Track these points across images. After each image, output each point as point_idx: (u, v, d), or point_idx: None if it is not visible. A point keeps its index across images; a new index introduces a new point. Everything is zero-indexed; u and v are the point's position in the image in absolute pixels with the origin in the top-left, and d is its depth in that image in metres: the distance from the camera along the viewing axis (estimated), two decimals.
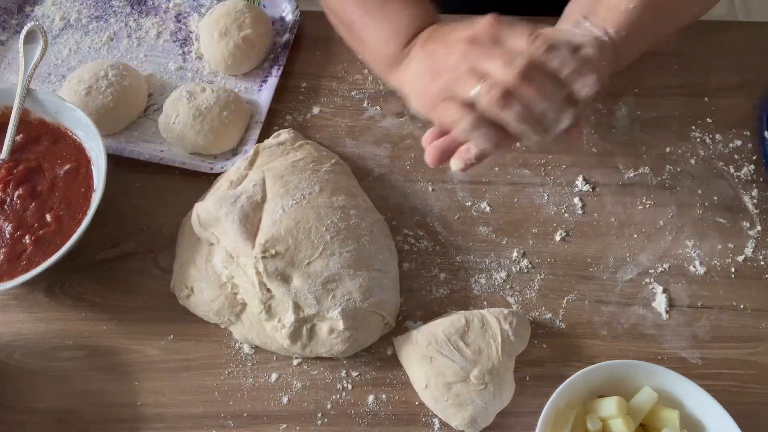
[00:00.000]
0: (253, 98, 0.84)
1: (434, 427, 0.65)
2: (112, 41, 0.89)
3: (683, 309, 0.71)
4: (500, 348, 0.64)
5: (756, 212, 0.77)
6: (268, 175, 0.71)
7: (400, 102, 0.84)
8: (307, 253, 0.66)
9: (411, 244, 0.75)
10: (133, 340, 0.70)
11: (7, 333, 0.70)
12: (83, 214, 0.71)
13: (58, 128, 0.76)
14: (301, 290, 0.65)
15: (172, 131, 0.78)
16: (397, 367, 0.68)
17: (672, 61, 0.86)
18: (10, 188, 0.72)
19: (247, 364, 0.68)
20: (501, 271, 0.73)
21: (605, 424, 0.60)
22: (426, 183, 0.79)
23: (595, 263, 0.74)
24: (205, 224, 0.69)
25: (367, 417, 0.66)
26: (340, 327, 0.64)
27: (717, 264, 0.74)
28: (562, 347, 0.69)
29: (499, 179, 0.79)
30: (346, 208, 0.70)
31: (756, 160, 0.80)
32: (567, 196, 0.78)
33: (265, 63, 0.86)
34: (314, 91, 0.85)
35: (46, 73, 0.86)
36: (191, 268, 0.70)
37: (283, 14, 0.90)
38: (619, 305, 0.72)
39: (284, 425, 0.66)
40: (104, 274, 0.73)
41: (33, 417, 0.66)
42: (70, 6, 0.92)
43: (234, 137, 0.79)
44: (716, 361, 0.69)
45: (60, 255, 0.66)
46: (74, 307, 0.71)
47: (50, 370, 0.68)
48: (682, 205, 0.77)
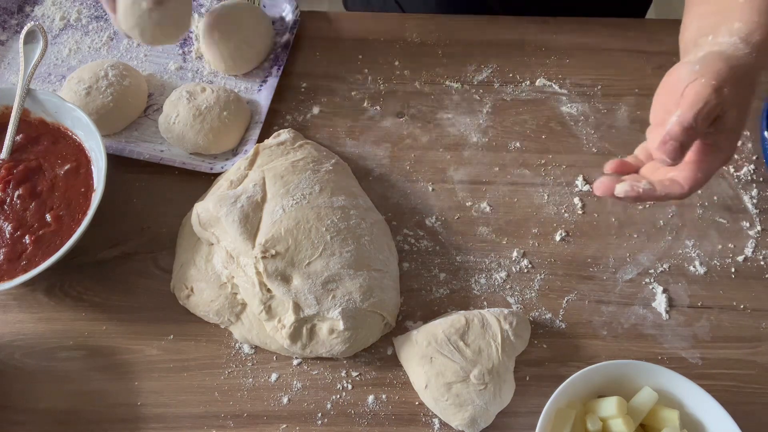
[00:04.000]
0: (253, 98, 0.84)
1: (434, 427, 0.65)
2: (112, 41, 0.89)
3: (683, 309, 0.71)
4: (500, 348, 0.64)
5: (756, 212, 0.77)
6: (268, 175, 0.71)
7: (400, 102, 0.85)
8: (307, 253, 0.66)
9: (411, 244, 0.75)
10: (133, 340, 0.70)
11: (7, 333, 0.70)
12: (83, 214, 0.71)
13: (58, 128, 0.76)
14: (301, 290, 0.65)
15: (171, 131, 0.78)
16: (397, 367, 0.68)
17: (672, 61, 0.85)
18: (10, 188, 0.72)
19: (247, 364, 0.68)
20: (501, 271, 0.73)
21: (605, 424, 0.60)
22: (426, 183, 0.79)
23: (595, 263, 0.74)
24: (205, 224, 0.69)
25: (367, 417, 0.66)
26: (340, 327, 0.64)
27: (717, 264, 0.74)
28: (562, 347, 0.69)
29: (499, 179, 0.79)
30: (346, 208, 0.70)
31: (756, 160, 0.80)
32: (567, 196, 0.78)
33: (265, 63, 0.86)
34: (314, 91, 0.85)
35: (46, 73, 0.86)
36: (191, 268, 0.70)
37: (283, 14, 0.90)
38: (619, 305, 0.72)
39: (284, 425, 0.66)
40: (104, 274, 0.73)
41: (33, 417, 0.66)
42: (70, 6, 0.92)
43: (234, 137, 0.79)
44: (716, 361, 0.69)
45: (60, 255, 0.66)
46: (74, 307, 0.71)
47: (50, 370, 0.68)
48: (682, 205, 0.77)
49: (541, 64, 0.87)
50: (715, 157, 0.57)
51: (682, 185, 0.56)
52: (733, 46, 0.57)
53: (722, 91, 0.54)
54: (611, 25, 0.90)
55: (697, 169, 0.56)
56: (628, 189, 0.56)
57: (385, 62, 0.88)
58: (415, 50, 0.89)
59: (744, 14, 0.59)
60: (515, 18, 0.91)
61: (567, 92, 0.85)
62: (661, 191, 0.57)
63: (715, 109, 0.54)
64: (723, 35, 0.58)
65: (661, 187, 0.57)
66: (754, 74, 0.57)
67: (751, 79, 0.57)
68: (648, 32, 0.89)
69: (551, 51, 0.88)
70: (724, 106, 0.54)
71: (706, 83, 0.54)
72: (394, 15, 0.94)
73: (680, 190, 0.56)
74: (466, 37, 0.89)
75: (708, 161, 0.57)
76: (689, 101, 0.54)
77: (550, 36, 0.89)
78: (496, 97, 0.85)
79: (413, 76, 0.87)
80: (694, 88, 0.54)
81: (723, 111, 0.55)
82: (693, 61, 0.56)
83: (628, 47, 0.88)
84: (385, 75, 0.87)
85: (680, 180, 0.57)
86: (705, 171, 0.57)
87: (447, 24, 0.91)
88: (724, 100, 0.54)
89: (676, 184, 0.57)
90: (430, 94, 0.85)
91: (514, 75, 0.87)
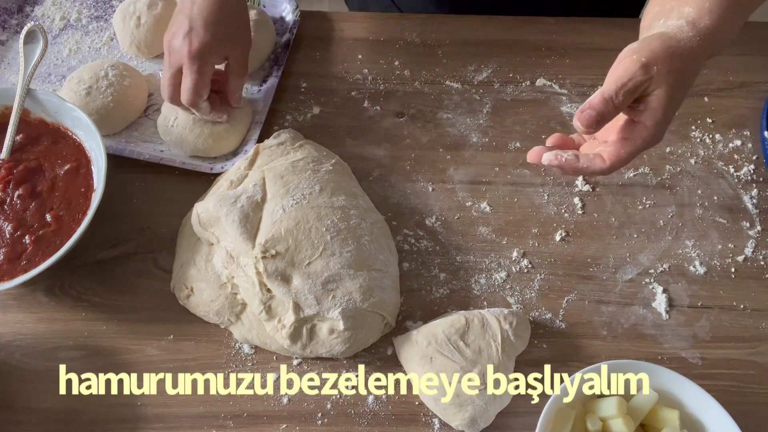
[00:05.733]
0: (253, 98, 0.84)
1: (434, 427, 0.65)
2: (112, 41, 0.89)
3: (683, 309, 0.71)
4: (500, 348, 0.64)
5: (756, 212, 0.77)
6: (268, 175, 0.71)
7: (400, 102, 0.85)
8: (307, 254, 0.66)
9: (411, 244, 0.75)
10: (133, 340, 0.70)
11: (7, 333, 0.70)
12: (83, 214, 0.71)
13: (58, 128, 0.76)
14: (301, 290, 0.65)
15: (170, 134, 0.78)
16: (397, 367, 0.68)
17: None
18: (10, 188, 0.72)
19: (247, 364, 0.68)
20: (501, 271, 0.73)
21: (605, 424, 0.60)
22: (426, 183, 0.79)
23: (595, 263, 0.74)
24: (205, 224, 0.69)
25: (367, 417, 0.66)
26: (341, 327, 0.64)
27: (717, 264, 0.74)
28: (562, 347, 0.69)
29: (499, 179, 0.79)
30: (346, 208, 0.70)
31: (756, 160, 0.80)
32: (567, 196, 0.78)
33: (265, 63, 0.86)
34: (314, 91, 0.85)
35: (46, 73, 0.86)
36: (191, 268, 0.70)
37: (283, 14, 0.90)
38: (619, 305, 0.72)
39: (284, 425, 0.66)
40: (104, 274, 0.73)
41: (33, 417, 0.66)
42: (70, 6, 0.92)
43: (234, 141, 0.79)
44: (716, 361, 0.69)
45: (60, 255, 0.66)
46: (74, 307, 0.71)
47: (50, 370, 0.68)
48: (682, 205, 0.77)
49: (541, 64, 0.87)
50: (638, 136, 0.57)
51: (604, 160, 0.58)
52: (678, 29, 0.57)
53: (650, 68, 0.54)
54: (611, 25, 0.90)
55: (621, 147, 0.58)
56: (551, 158, 0.59)
57: (385, 62, 0.88)
58: (415, 50, 0.89)
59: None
60: (515, 18, 0.91)
61: (567, 92, 0.85)
62: (584, 163, 0.58)
63: (640, 85, 0.54)
64: (672, 18, 0.59)
65: (585, 160, 0.58)
66: (694, 59, 0.57)
67: (689, 63, 0.57)
68: None
69: (551, 51, 0.88)
70: (651, 84, 0.55)
71: (636, 59, 0.55)
72: (394, 15, 0.94)
73: (602, 165, 0.58)
74: (466, 37, 0.89)
75: (632, 139, 0.57)
76: (616, 75, 0.55)
77: (550, 36, 0.89)
78: (496, 97, 0.85)
79: (413, 76, 0.87)
80: (623, 64, 0.55)
81: (650, 89, 0.55)
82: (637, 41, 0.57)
83: None
84: (385, 75, 0.87)
85: (604, 155, 0.58)
86: (628, 149, 0.57)
87: (447, 24, 0.91)
88: (652, 78, 0.54)
89: (598, 158, 0.58)
90: (430, 94, 0.85)
91: (514, 75, 0.87)
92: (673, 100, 0.56)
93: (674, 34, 0.57)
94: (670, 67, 0.55)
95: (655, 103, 0.56)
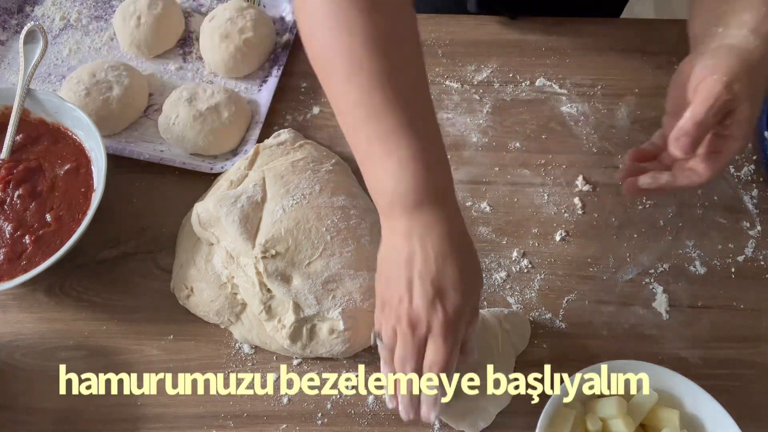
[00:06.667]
0: (253, 98, 0.84)
1: (434, 427, 0.65)
2: (112, 41, 0.89)
3: (683, 309, 0.71)
4: (500, 348, 0.64)
5: (756, 212, 0.77)
6: (268, 175, 0.71)
7: None
8: (307, 254, 0.66)
9: None
10: (133, 340, 0.70)
11: (7, 333, 0.70)
12: (83, 214, 0.71)
13: (58, 128, 0.76)
14: (301, 290, 0.65)
15: (171, 132, 0.78)
16: None
17: (672, 61, 0.86)
18: (10, 188, 0.72)
19: (247, 364, 0.68)
20: (501, 271, 0.73)
21: (605, 424, 0.60)
22: None
23: (595, 263, 0.74)
24: (205, 224, 0.69)
25: (367, 417, 0.66)
26: (341, 327, 0.64)
27: (717, 264, 0.74)
28: (562, 347, 0.69)
29: (499, 179, 0.79)
30: (346, 208, 0.70)
31: (756, 160, 0.80)
32: (567, 196, 0.78)
33: (265, 63, 0.86)
34: (314, 91, 0.85)
35: (46, 73, 0.86)
36: (191, 268, 0.70)
37: (283, 14, 0.90)
38: (619, 305, 0.72)
39: (284, 425, 0.66)
40: (104, 274, 0.73)
41: (33, 417, 0.66)
42: (70, 6, 0.92)
43: (234, 138, 0.79)
44: (716, 361, 0.69)
45: (60, 255, 0.66)
46: (74, 307, 0.71)
47: (50, 370, 0.68)
48: (682, 205, 0.77)
49: (541, 64, 0.87)
50: (731, 148, 0.59)
51: (700, 174, 0.60)
52: (744, 39, 0.58)
53: (733, 87, 0.55)
54: (611, 25, 0.90)
55: (716, 160, 0.60)
56: (650, 181, 0.62)
57: None
58: None
59: (753, 4, 0.59)
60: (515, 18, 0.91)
61: (567, 92, 0.85)
62: (682, 181, 0.61)
63: (726, 105, 0.56)
64: (733, 27, 0.59)
65: (682, 178, 0.61)
66: (764, 67, 0.58)
67: (762, 73, 0.58)
68: (648, 32, 0.89)
69: (551, 51, 0.88)
70: (736, 101, 0.56)
71: (717, 80, 0.55)
72: None
73: (699, 180, 0.60)
74: (465, 37, 0.89)
75: (725, 152, 0.59)
76: (701, 98, 0.56)
77: (550, 36, 0.89)
78: (496, 97, 0.85)
79: None
80: (706, 85, 0.56)
81: (735, 105, 0.56)
82: (705, 54, 0.58)
83: (628, 47, 0.88)
84: None
85: (699, 170, 0.60)
86: (724, 161, 0.60)
87: (446, 24, 0.91)
88: (736, 95, 0.56)
89: (695, 174, 0.60)
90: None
91: (514, 75, 0.87)
92: (756, 109, 0.58)
93: (744, 47, 0.58)
94: (750, 82, 0.56)
95: (741, 116, 0.57)
